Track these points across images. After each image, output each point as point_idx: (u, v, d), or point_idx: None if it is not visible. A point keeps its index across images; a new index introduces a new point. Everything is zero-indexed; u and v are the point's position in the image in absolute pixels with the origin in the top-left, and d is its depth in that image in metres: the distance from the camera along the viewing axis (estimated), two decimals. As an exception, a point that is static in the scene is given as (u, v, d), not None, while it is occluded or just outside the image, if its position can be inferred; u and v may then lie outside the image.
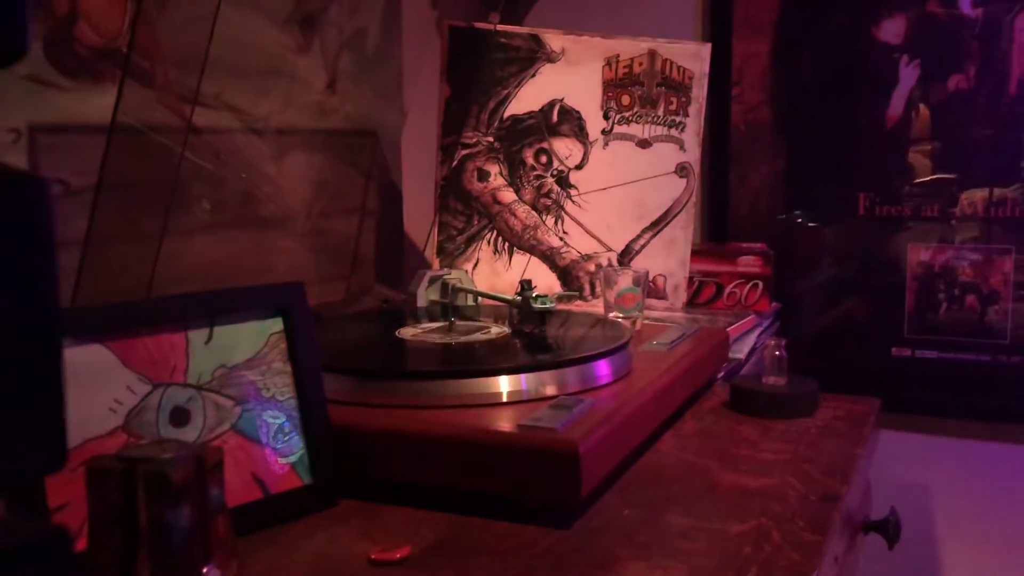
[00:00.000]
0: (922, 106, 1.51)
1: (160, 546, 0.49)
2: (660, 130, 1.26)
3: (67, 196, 0.91)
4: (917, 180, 1.52)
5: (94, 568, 0.49)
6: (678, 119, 1.27)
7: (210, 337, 0.69)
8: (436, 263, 1.29)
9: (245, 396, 0.70)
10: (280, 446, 0.70)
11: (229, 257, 1.16)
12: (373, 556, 0.62)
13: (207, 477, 0.51)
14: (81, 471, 0.52)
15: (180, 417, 0.66)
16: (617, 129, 1.27)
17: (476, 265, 1.29)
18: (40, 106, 0.89)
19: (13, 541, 0.29)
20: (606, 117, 1.27)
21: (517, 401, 0.77)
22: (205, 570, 0.50)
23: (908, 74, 1.51)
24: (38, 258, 0.26)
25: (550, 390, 0.79)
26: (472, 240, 1.30)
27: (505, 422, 0.72)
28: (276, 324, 0.73)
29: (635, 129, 1.27)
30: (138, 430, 0.63)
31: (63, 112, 0.91)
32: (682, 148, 1.26)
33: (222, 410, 0.68)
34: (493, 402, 0.77)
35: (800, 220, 1.61)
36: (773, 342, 0.99)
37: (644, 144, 1.27)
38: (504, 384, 0.78)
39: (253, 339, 0.71)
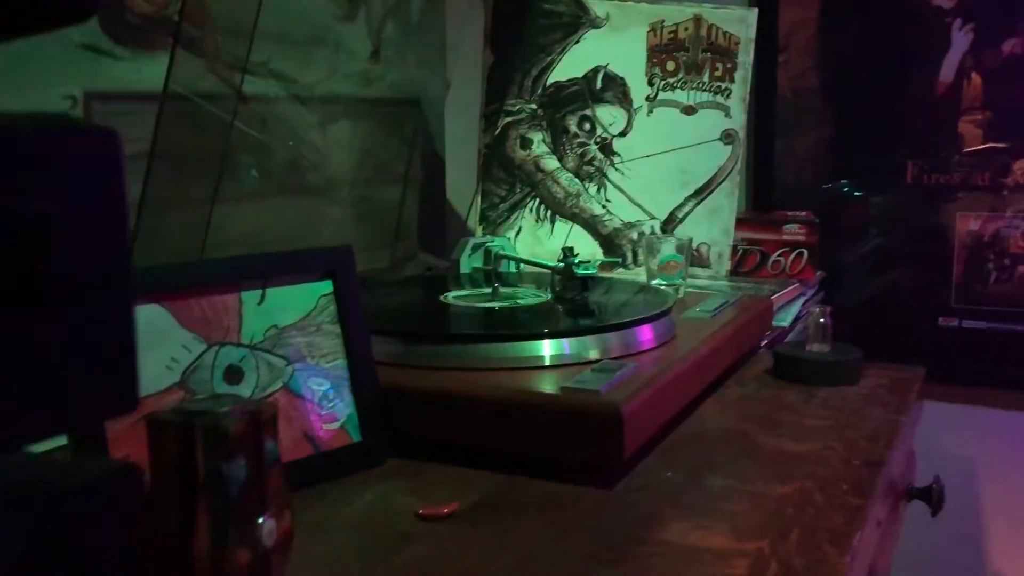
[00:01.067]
0: (974, 73, 1.48)
1: (217, 496, 0.50)
2: (705, 96, 1.26)
3: (121, 163, 0.94)
4: (967, 149, 1.49)
5: (154, 517, 0.51)
6: (723, 85, 1.25)
7: (263, 298, 0.71)
8: (479, 231, 1.30)
9: (296, 356, 0.71)
10: (330, 405, 0.72)
11: (276, 224, 1.18)
12: (421, 511, 0.64)
13: (262, 430, 0.53)
14: (140, 426, 0.54)
15: (234, 375, 0.68)
16: (661, 96, 1.26)
17: (519, 233, 1.30)
18: (95, 74, 0.91)
19: (87, 478, 0.31)
20: (650, 83, 1.26)
21: (560, 365, 0.78)
22: (260, 520, 0.52)
23: (960, 39, 1.48)
24: (114, 207, 0.28)
25: (593, 354, 0.79)
26: (515, 208, 1.30)
27: (548, 384, 0.73)
28: (325, 287, 0.74)
29: (680, 96, 1.26)
30: (194, 387, 0.65)
31: (117, 80, 0.94)
32: (727, 115, 1.25)
33: (274, 369, 0.70)
34: (536, 365, 0.78)
35: (846, 189, 1.59)
36: (818, 309, 0.98)
37: (689, 111, 1.26)
38: (547, 348, 0.78)
39: (303, 301, 0.73)
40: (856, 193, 1.59)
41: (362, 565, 0.58)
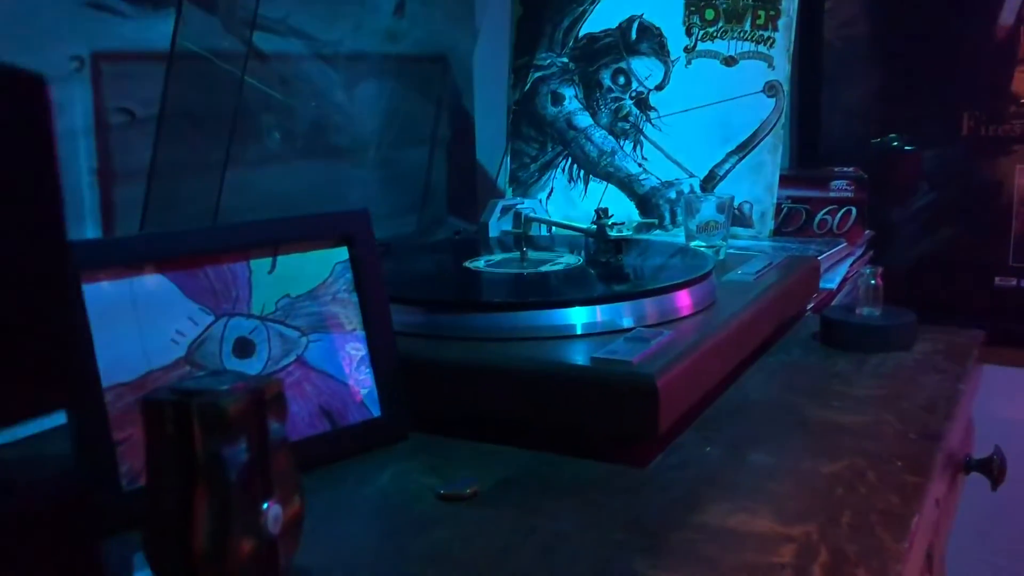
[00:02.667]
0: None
1: (217, 482, 0.47)
2: (747, 46, 1.18)
3: (132, 125, 0.90)
4: (1028, 98, 1.40)
5: (153, 503, 0.48)
6: (766, 34, 1.18)
7: (273, 266, 0.67)
8: (509, 192, 1.25)
9: (311, 327, 0.68)
10: (347, 377, 0.68)
11: (299, 189, 1.14)
12: (442, 492, 0.60)
13: (266, 409, 0.49)
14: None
15: (244, 348, 0.64)
16: (700, 46, 1.19)
17: (550, 194, 1.25)
18: (102, 33, 0.87)
19: None
20: (688, 33, 1.19)
21: (592, 334, 0.73)
22: (265, 506, 0.48)
23: (1022, -21, 1.38)
24: (42, 169, 0.23)
25: (627, 322, 0.74)
26: (546, 168, 1.25)
27: (579, 355, 0.68)
28: (341, 253, 0.70)
29: (720, 46, 1.19)
30: (201, 361, 0.62)
31: (126, 40, 0.89)
32: (771, 66, 1.18)
33: (287, 341, 0.66)
34: (567, 335, 0.73)
35: (896, 144, 1.51)
36: (868, 270, 0.92)
37: (730, 62, 1.19)
38: (578, 316, 0.74)
39: (317, 268, 0.69)
40: (907, 148, 1.51)
41: (378, 551, 0.54)
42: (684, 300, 0.78)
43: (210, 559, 0.47)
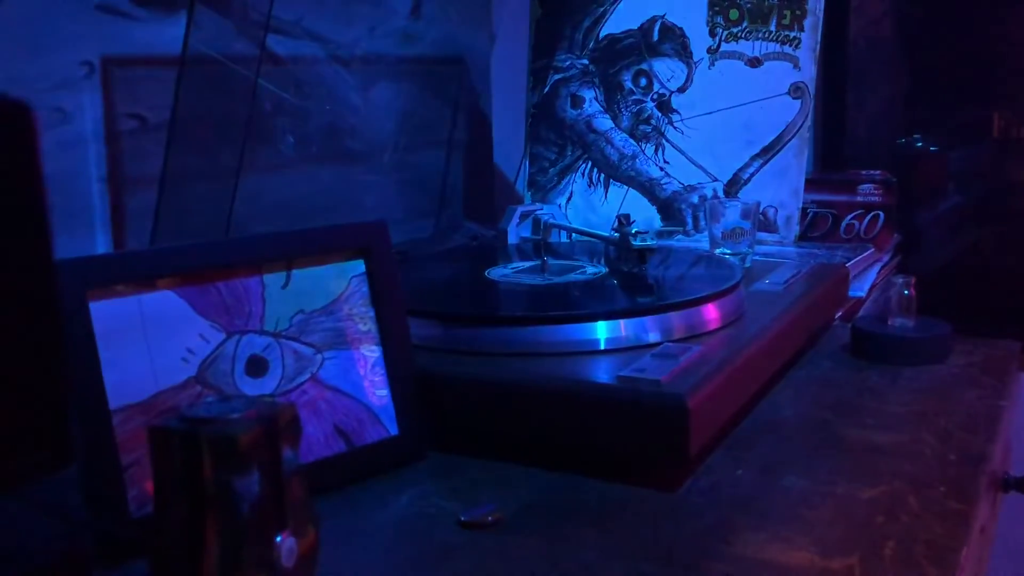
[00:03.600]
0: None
1: (228, 514, 0.44)
2: (772, 47, 1.15)
3: (144, 132, 0.88)
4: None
5: (160, 536, 0.45)
6: (792, 35, 1.15)
7: (287, 281, 0.64)
8: (528, 197, 1.22)
9: (326, 343, 0.65)
10: (364, 395, 0.66)
11: (314, 194, 1.12)
12: (463, 518, 0.58)
13: (279, 438, 0.47)
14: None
15: (257, 367, 0.62)
16: (724, 47, 1.16)
17: (570, 199, 1.22)
18: (113, 37, 0.85)
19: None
20: (712, 34, 1.16)
21: (616, 349, 0.70)
22: (279, 539, 0.46)
23: (1055, -24, 1.35)
24: (29, 197, 0.21)
25: (653, 337, 0.72)
26: (565, 172, 1.22)
27: (604, 372, 0.66)
28: (357, 266, 0.68)
29: (744, 47, 1.16)
30: (213, 380, 0.60)
31: (137, 44, 0.87)
32: (796, 67, 1.15)
33: (302, 359, 0.64)
34: (590, 350, 0.70)
35: (920, 144, 1.48)
36: (901, 280, 0.89)
37: (754, 63, 1.16)
38: (602, 330, 0.71)
39: (333, 282, 0.67)
40: (931, 148, 1.48)
41: (396, 583, 0.51)
42: (712, 313, 0.75)
43: (221, 596, 0.44)
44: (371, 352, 0.67)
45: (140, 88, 0.87)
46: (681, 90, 1.18)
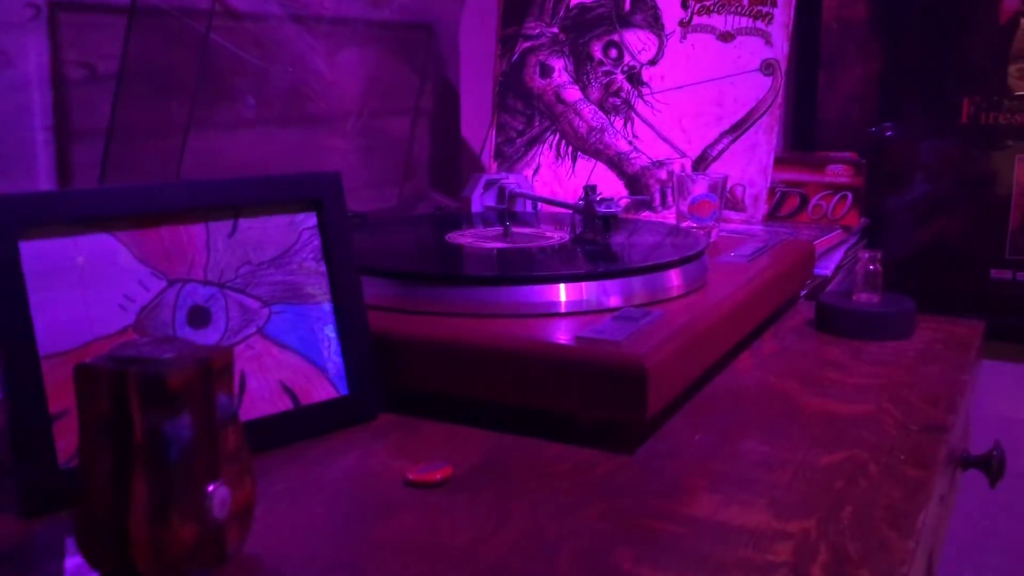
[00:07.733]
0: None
1: (157, 460, 0.42)
2: (745, 22, 1.14)
3: (94, 81, 0.84)
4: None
5: (85, 483, 0.43)
6: (765, 10, 1.14)
7: (234, 230, 0.62)
8: (494, 167, 1.20)
9: (274, 297, 0.63)
10: (313, 352, 0.63)
11: (274, 156, 1.09)
12: (410, 476, 0.55)
13: (213, 382, 0.44)
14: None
15: (200, 317, 0.59)
16: (696, 20, 1.14)
17: (537, 171, 1.20)
18: (62, -20, 0.82)
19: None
20: (684, 6, 1.14)
21: (577, 312, 0.69)
22: (210, 488, 0.44)
23: (1028, -38, 1.34)
24: None
25: (614, 301, 0.70)
26: (533, 143, 1.20)
27: (563, 334, 0.64)
28: (309, 219, 0.65)
29: (716, 20, 1.14)
30: (152, 330, 0.57)
31: (87, -12, 0.84)
32: (768, 42, 1.14)
33: (247, 311, 0.61)
34: (550, 312, 0.68)
35: (889, 134, 1.47)
36: (867, 255, 0.88)
37: (726, 37, 1.14)
38: (562, 293, 0.69)
39: (283, 234, 0.64)
40: (901, 135, 1.47)
41: (336, 539, 0.49)
42: (675, 279, 0.74)
43: (148, 546, 0.42)
44: (322, 308, 0.64)
45: (90, 36, 0.84)
46: (652, 63, 1.16)
